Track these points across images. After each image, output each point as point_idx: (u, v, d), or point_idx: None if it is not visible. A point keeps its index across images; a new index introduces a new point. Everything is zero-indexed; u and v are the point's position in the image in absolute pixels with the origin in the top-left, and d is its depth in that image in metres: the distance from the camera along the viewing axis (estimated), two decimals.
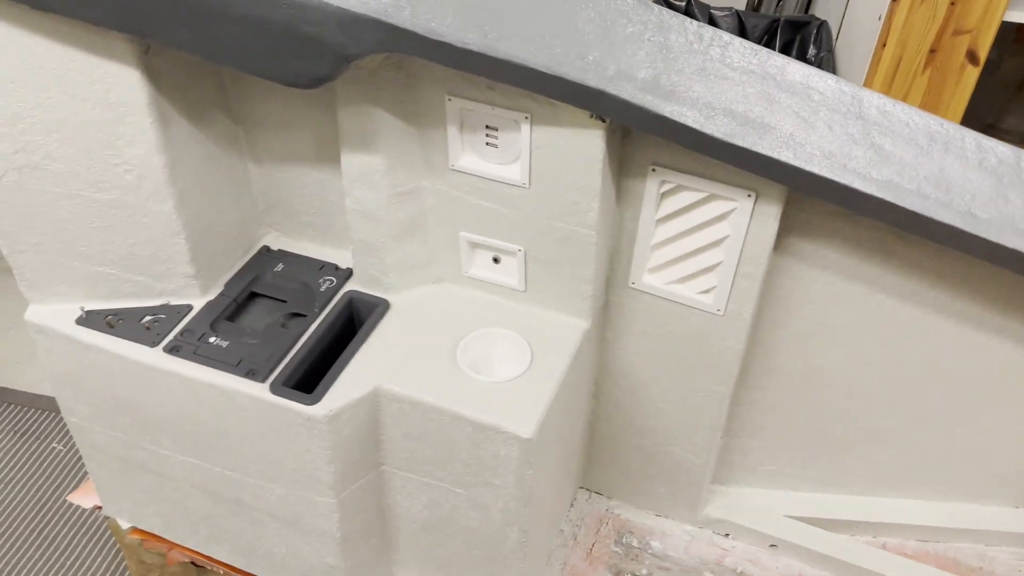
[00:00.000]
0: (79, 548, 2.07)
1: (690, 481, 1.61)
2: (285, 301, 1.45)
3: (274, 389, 1.28)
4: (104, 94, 1.17)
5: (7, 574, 2.01)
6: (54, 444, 2.32)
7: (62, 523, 2.12)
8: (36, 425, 2.37)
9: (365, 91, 1.20)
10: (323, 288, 1.45)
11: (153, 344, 1.35)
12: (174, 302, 1.41)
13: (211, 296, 1.43)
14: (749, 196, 1.21)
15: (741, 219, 1.23)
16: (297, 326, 1.39)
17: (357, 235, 1.39)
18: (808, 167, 1.10)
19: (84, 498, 1.74)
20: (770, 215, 1.21)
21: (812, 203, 1.24)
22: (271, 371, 1.31)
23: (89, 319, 1.38)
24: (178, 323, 1.38)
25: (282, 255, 1.52)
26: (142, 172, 1.24)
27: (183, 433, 1.42)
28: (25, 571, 2.02)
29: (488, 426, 1.25)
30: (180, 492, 1.54)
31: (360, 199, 1.33)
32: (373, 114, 1.22)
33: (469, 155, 1.29)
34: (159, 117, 1.20)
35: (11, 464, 2.26)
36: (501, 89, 1.18)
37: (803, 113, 1.13)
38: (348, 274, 1.48)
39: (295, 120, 1.38)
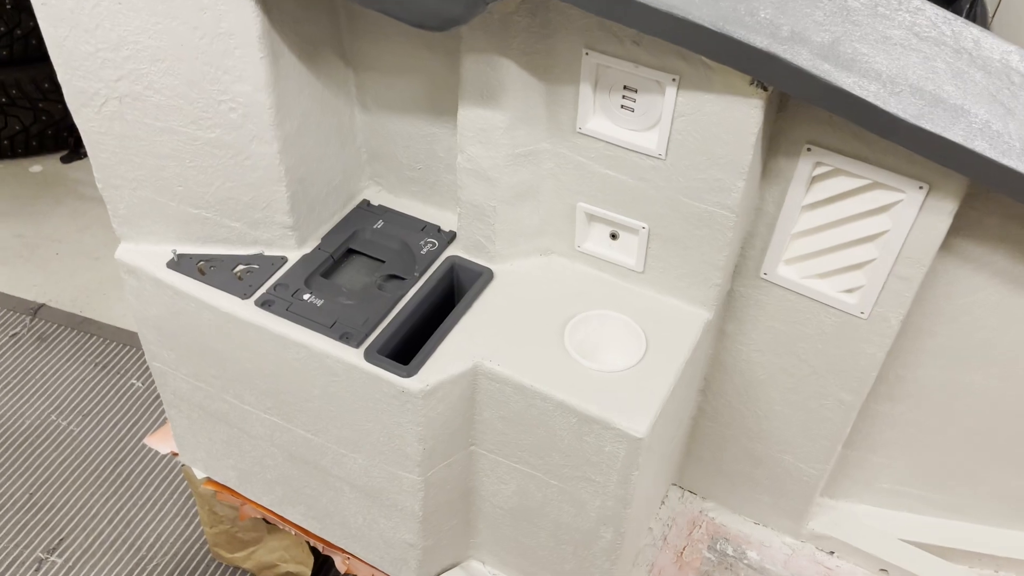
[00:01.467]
0: (152, 487, 2.05)
1: (798, 492, 1.48)
2: (383, 261, 1.35)
3: (368, 356, 1.19)
4: (214, 23, 1.07)
5: (81, 507, 2.01)
6: (133, 380, 2.31)
7: (136, 460, 2.10)
8: (117, 359, 2.36)
9: (495, 38, 1.08)
10: (424, 251, 1.35)
11: (245, 296, 1.27)
12: (268, 252, 1.33)
13: (307, 249, 1.34)
14: (921, 188, 1.05)
15: (907, 213, 1.08)
16: (395, 289, 1.29)
17: (466, 196, 1.28)
18: (1006, 161, 0.94)
19: (161, 443, 1.70)
20: (943, 211, 1.06)
21: (990, 201, 1.08)
22: (366, 336, 1.22)
23: (181, 263, 1.31)
24: (271, 275, 1.30)
25: (383, 211, 1.43)
26: (247, 111, 1.15)
27: (267, 390, 1.34)
28: (98, 506, 2.01)
29: (596, 419, 1.13)
30: (258, 449, 1.48)
31: (474, 157, 1.22)
32: (500, 65, 1.11)
33: (600, 118, 1.16)
34: (270, 52, 1.10)
35: (90, 397, 2.26)
36: (649, 45, 1.04)
37: (1001, 97, 0.97)
38: (451, 237, 1.38)
39: (410, 65, 1.28)
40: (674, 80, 1.05)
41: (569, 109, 1.16)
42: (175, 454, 1.68)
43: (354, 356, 1.20)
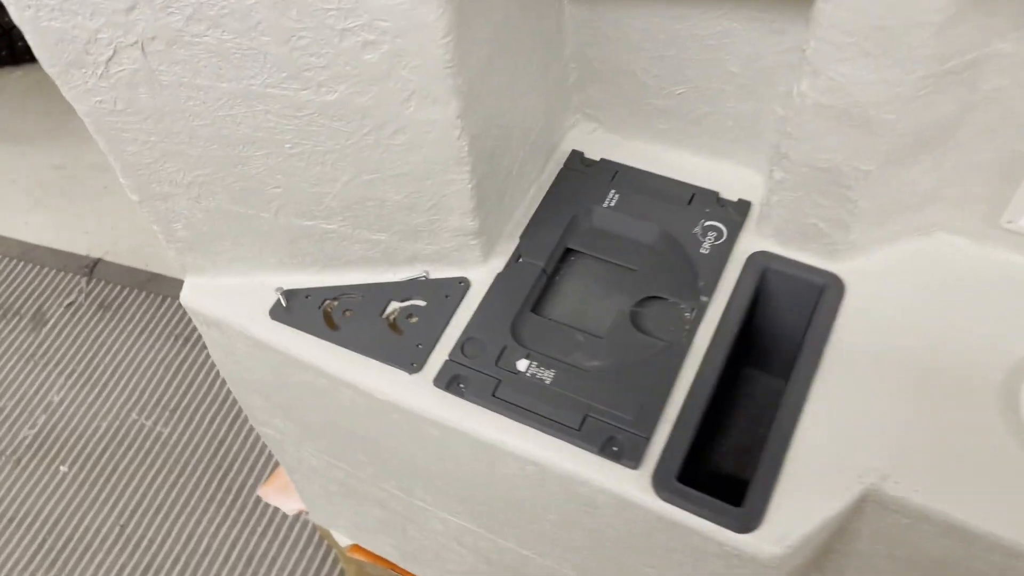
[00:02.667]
0: (273, 509, 1.60)
1: None
2: (634, 269, 0.77)
3: (662, 488, 0.64)
4: None
5: (185, 541, 1.58)
6: None
7: (247, 471, 1.65)
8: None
9: None
10: (705, 245, 0.76)
11: (413, 366, 0.72)
12: (436, 274, 0.77)
13: (498, 261, 0.77)
14: None
15: None
16: (670, 329, 0.72)
17: (804, 154, 0.68)
18: None
19: (281, 498, 1.22)
20: None
21: None
22: (647, 441, 0.66)
23: (293, 309, 0.76)
24: (449, 319, 0.74)
25: (609, 171, 0.83)
26: (399, 45, 0.55)
27: (460, 497, 0.82)
28: (207, 538, 1.59)
29: None
30: (434, 542, 0.99)
31: (844, 84, 0.61)
32: None
33: None
34: None
35: (175, 384, 1.79)
36: None
37: None
38: (743, 211, 0.79)
39: None
40: None
41: None
42: (304, 511, 1.21)
43: (634, 485, 0.65)
